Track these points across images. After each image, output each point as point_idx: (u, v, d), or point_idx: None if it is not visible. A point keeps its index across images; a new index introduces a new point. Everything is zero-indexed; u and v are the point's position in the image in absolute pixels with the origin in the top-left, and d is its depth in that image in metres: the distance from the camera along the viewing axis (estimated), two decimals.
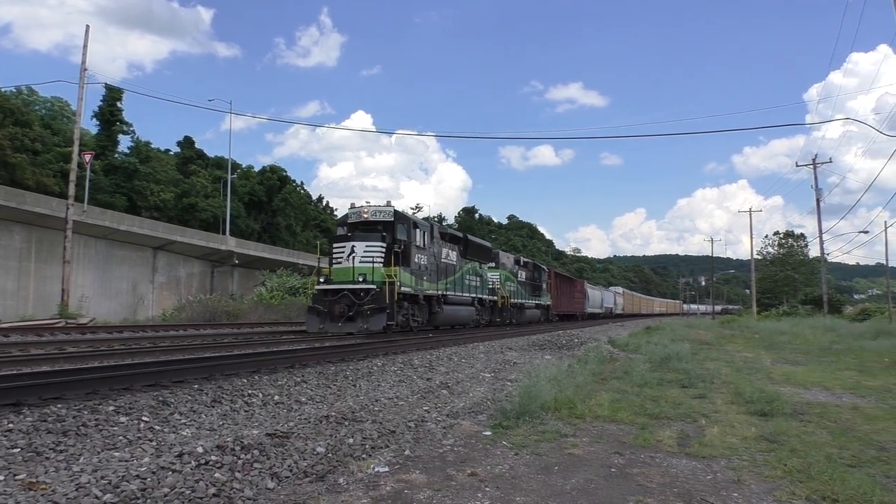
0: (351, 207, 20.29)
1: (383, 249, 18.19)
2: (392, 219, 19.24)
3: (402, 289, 18.11)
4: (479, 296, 26.27)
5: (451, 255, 23.13)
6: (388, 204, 19.88)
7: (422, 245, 20.13)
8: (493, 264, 29.41)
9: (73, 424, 5.76)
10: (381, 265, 17.78)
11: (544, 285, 39.10)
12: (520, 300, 33.07)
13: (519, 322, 32.82)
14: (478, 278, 26.23)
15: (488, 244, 30.25)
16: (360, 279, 17.50)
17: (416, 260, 19.58)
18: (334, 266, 18.49)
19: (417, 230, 19.91)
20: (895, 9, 20.65)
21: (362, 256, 17.91)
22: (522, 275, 34.59)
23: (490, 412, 7.59)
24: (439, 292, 21.26)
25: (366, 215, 19.46)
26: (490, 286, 28.25)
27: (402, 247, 18.67)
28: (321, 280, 18.48)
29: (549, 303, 40.18)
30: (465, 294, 24.12)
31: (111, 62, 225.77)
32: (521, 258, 37.18)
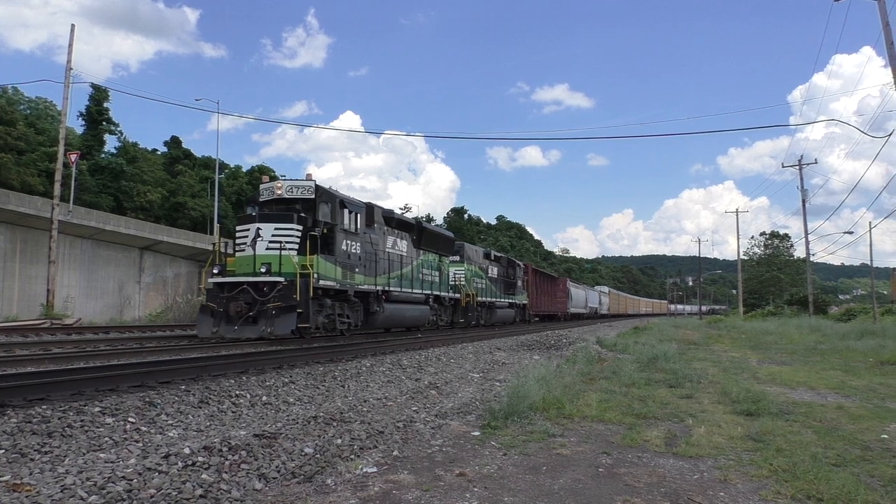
0: (262, 182, 17.02)
1: (298, 233, 14.95)
2: (312, 196, 15.91)
3: (323, 282, 14.92)
4: (437, 293, 22.95)
5: (399, 244, 20.01)
6: (309, 178, 16.43)
7: (353, 230, 16.79)
8: (456, 258, 26.56)
9: (58, 426, 5.72)
10: (295, 253, 14.68)
11: (520, 282, 36.11)
12: (490, 298, 30.06)
13: (488, 323, 30.13)
14: (435, 273, 23.01)
15: (450, 234, 26.82)
16: (263, 270, 14.30)
17: (345, 247, 16.26)
18: (237, 254, 15.37)
19: (346, 211, 16.49)
20: (880, 11, 20.86)
21: (269, 242, 14.69)
22: (494, 270, 31.73)
23: (479, 412, 7.59)
24: (379, 288, 17.90)
25: (279, 192, 16.04)
26: (452, 282, 25.29)
27: (326, 231, 15.60)
28: (215, 271, 15.10)
29: (525, 302, 37.22)
30: (415, 291, 20.76)
31: (96, 62, 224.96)
32: (493, 252, 33.58)
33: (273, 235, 14.76)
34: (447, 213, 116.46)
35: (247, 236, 15.00)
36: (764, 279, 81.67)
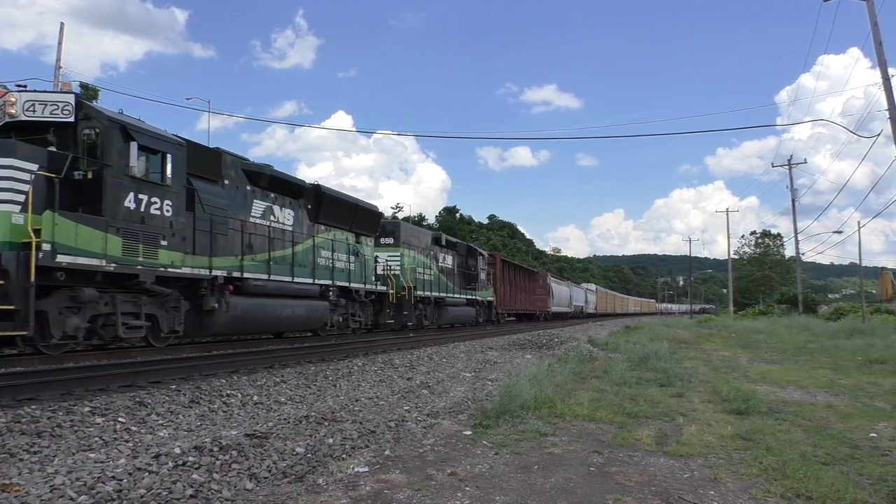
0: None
1: (26, 175, 9.08)
2: (71, 118, 10.09)
3: (71, 259, 9.36)
4: (345, 283, 17.61)
5: (279, 214, 14.95)
6: (68, 91, 11.03)
7: (157, 179, 11.09)
8: (390, 240, 21.98)
9: (47, 425, 5.68)
10: (19, 208, 8.96)
11: (483, 275, 31.37)
12: (439, 293, 25.15)
13: (437, 324, 25.69)
14: (349, 257, 18.07)
15: (373, 207, 20.57)
16: None
17: (131, 205, 10.48)
18: None
19: (135, 146, 10.40)
20: (868, 11, 20.99)
21: None
22: (447, 259, 27.18)
23: (470, 412, 7.60)
24: (219, 272, 12.52)
25: (13, 110, 10.00)
26: (381, 271, 20.75)
27: (90, 175, 9.95)
28: None
29: (490, 298, 32.49)
30: (301, 279, 15.37)
31: (84, 61, 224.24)
32: (445, 236, 28.44)
33: None
34: (439, 213, 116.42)
35: None
36: (755, 278, 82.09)
